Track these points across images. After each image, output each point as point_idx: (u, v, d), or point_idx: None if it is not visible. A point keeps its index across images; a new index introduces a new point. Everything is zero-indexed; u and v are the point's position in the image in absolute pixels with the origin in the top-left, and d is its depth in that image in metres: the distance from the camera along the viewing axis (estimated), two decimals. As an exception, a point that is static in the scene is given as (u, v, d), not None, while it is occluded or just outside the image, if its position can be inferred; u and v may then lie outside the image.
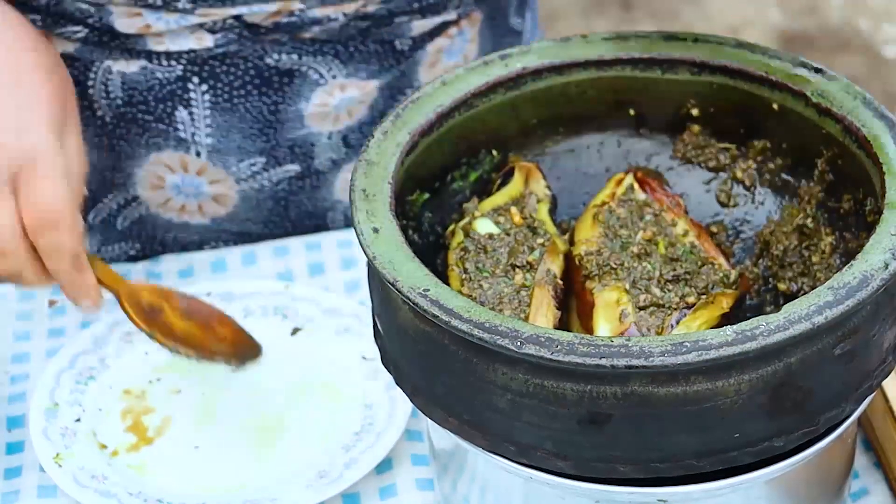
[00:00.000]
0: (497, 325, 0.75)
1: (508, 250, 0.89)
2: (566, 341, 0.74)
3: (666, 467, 0.78)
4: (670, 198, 0.92)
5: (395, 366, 0.85)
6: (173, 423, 1.05)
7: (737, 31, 3.08)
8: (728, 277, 0.88)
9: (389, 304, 0.83)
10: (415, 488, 0.99)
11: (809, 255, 0.90)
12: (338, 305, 1.11)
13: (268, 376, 1.08)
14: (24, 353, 1.12)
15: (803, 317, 0.74)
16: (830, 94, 0.88)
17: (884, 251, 0.78)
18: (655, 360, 0.73)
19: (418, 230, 0.91)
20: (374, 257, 0.80)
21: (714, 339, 0.74)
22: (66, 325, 1.14)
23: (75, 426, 1.03)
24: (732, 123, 0.94)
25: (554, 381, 0.76)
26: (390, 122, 0.88)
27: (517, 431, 0.79)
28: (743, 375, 0.75)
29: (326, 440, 1.02)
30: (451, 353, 0.79)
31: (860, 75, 2.94)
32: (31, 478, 1.02)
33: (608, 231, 0.90)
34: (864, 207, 0.86)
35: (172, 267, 1.20)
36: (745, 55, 0.91)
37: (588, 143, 0.97)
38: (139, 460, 1.02)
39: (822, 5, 3.16)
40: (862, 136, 0.85)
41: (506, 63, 0.92)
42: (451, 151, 0.92)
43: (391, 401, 1.03)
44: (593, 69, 0.93)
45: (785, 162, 0.93)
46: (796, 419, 0.78)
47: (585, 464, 0.79)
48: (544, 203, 0.93)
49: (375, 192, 0.84)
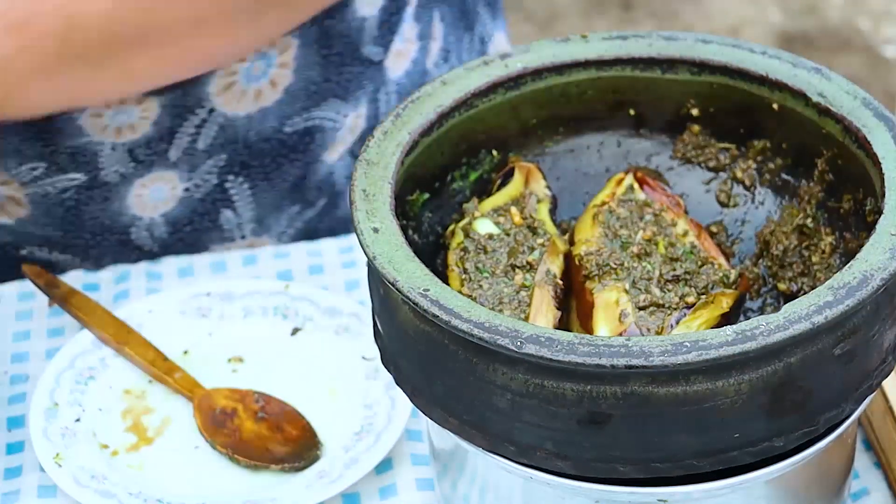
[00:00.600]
0: (497, 325, 0.75)
1: (508, 250, 0.89)
2: (566, 341, 0.74)
3: (666, 467, 0.78)
4: (670, 198, 0.92)
5: (395, 366, 0.85)
6: (173, 423, 1.05)
7: (737, 31, 3.08)
8: (728, 277, 0.88)
9: (389, 304, 0.83)
10: (415, 488, 0.99)
11: (809, 255, 0.90)
12: (337, 305, 1.11)
13: (267, 376, 1.08)
14: (24, 353, 1.12)
15: (803, 317, 0.74)
16: (830, 94, 0.88)
17: (884, 251, 0.78)
18: (655, 360, 0.73)
19: (418, 230, 0.91)
20: (374, 257, 0.80)
21: (714, 339, 0.74)
22: (66, 324, 1.14)
23: (75, 426, 1.03)
24: (732, 123, 0.94)
25: (554, 381, 0.76)
26: (390, 122, 0.88)
27: (517, 431, 0.79)
28: (743, 375, 0.75)
29: (326, 440, 1.02)
30: (451, 353, 0.79)
31: (860, 75, 2.94)
32: (31, 478, 1.02)
33: (608, 231, 0.90)
34: (864, 207, 0.86)
35: (172, 267, 1.20)
36: (745, 55, 0.91)
37: (588, 143, 0.97)
38: (139, 460, 1.02)
39: (822, 5, 3.16)
40: (862, 136, 0.85)
41: (506, 63, 0.92)
42: (451, 151, 0.92)
43: (391, 401, 1.03)
44: (593, 69, 0.93)
45: (785, 162, 0.93)
46: (796, 419, 0.78)
47: (585, 464, 0.79)
48: (544, 203, 0.93)
49: (375, 192, 0.84)
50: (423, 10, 1.27)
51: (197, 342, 1.11)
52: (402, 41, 1.25)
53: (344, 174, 1.27)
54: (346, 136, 1.25)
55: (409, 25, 1.26)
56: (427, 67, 1.29)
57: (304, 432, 1.03)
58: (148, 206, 1.21)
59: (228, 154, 1.20)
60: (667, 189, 0.94)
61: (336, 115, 1.23)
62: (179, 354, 1.10)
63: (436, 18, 1.29)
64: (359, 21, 1.21)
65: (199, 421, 1.03)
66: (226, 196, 1.23)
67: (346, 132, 1.25)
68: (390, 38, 1.24)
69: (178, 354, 1.10)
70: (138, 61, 0.99)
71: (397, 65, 1.26)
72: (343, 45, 1.21)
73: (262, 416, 1.04)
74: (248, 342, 1.11)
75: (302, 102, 1.21)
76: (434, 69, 1.30)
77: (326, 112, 1.22)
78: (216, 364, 1.09)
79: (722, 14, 3.14)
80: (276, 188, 1.24)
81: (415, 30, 1.26)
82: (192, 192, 1.21)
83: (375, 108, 1.26)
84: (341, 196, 1.28)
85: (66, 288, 1.14)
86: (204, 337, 1.11)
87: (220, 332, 1.11)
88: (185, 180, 1.20)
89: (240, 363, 1.09)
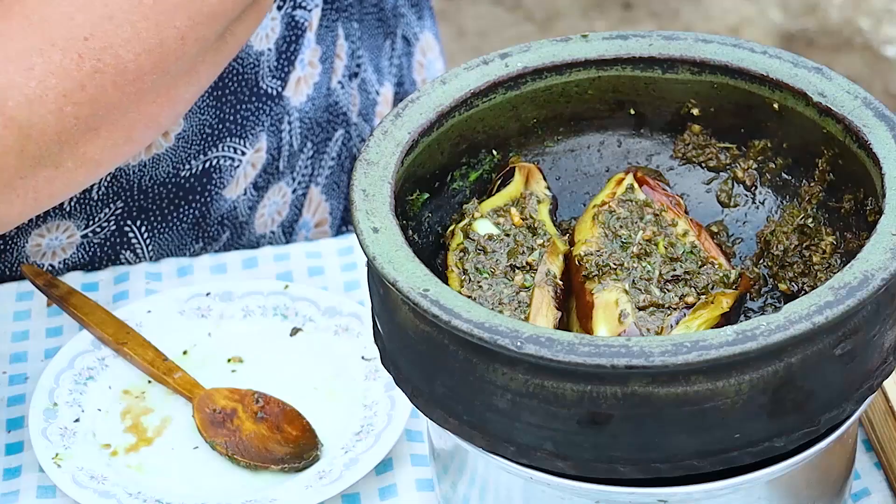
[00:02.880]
0: (497, 325, 0.75)
1: (508, 251, 0.89)
2: (566, 341, 0.74)
3: (666, 467, 0.78)
4: (670, 198, 0.92)
5: (395, 366, 0.85)
6: (173, 424, 1.05)
7: (737, 31, 3.08)
8: (728, 277, 0.88)
9: (389, 304, 0.83)
10: (415, 488, 0.99)
11: (810, 254, 0.90)
12: (337, 305, 1.11)
13: (267, 376, 1.08)
14: (22, 353, 1.12)
15: (803, 317, 0.74)
16: (831, 94, 0.88)
17: (884, 251, 0.77)
18: (656, 360, 0.73)
19: (418, 230, 0.91)
20: (374, 257, 0.80)
21: (714, 339, 0.74)
22: (65, 324, 1.14)
23: (74, 426, 1.03)
24: (733, 123, 0.94)
25: (554, 382, 0.76)
26: (390, 122, 0.88)
27: (517, 432, 0.79)
28: (743, 375, 0.75)
29: (326, 440, 1.02)
30: (451, 353, 0.79)
31: (860, 75, 2.94)
32: (31, 478, 1.01)
33: (608, 231, 0.90)
34: (865, 207, 0.86)
35: (172, 267, 1.20)
36: (745, 55, 0.91)
37: (588, 143, 0.96)
38: (138, 460, 1.02)
39: (822, 5, 3.16)
40: (862, 136, 0.85)
41: (506, 63, 0.92)
42: (451, 151, 0.92)
43: (391, 401, 1.03)
44: (593, 69, 0.93)
45: (785, 162, 0.93)
46: (797, 419, 0.78)
47: (586, 464, 0.79)
48: (544, 203, 0.93)
49: (375, 192, 0.84)
50: (326, 30, 1.25)
51: (196, 342, 1.11)
52: (302, 68, 1.24)
53: (247, 206, 1.25)
54: (248, 170, 1.23)
55: (311, 50, 1.24)
56: (332, 87, 1.28)
57: (303, 432, 1.03)
58: (46, 253, 1.19)
59: (124, 201, 1.19)
60: (667, 189, 0.93)
61: (233, 154, 1.21)
62: (179, 355, 1.10)
63: (340, 37, 1.27)
64: (254, 57, 1.19)
65: (199, 421, 1.03)
66: (125, 240, 1.21)
67: (246, 166, 1.23)
68: (290, 69, 1.22)
69: (177, 355, 1.10)
70: (93, 148, 0.97)
71: (298, 92, 1.24)
72: (237, 84, 1.19)
73: (261, 417, 1.04)
74: (248, 342, 1.11)
75: (196, 146, 1.19)
76: (338, 88, 1.28)
77: (224, 151, 1.21)
78: (215, 364, 1.09)
79: (722, 14, 3.14)
80: (174, 228, 1.22)
81: (317, 53, 1.25)
82: (90, 238, 1.20)
83: (278, 139, 1.24)
84: (245, 226, 1.26)
85: (65, 288, 1.14)
86: (203, 337, 1.11)
87: (219, 333, 1.11)
88: (84, 228, 1.19)
89: (239, 363, 1.09)
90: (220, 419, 1.03)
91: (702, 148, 0.95)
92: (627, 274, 0.87)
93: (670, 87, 0.93)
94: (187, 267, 1.20)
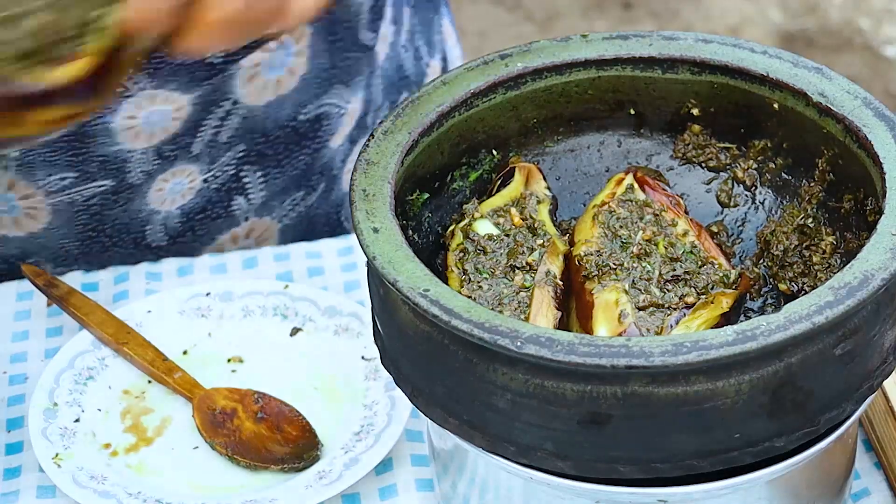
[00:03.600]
0: (497, 325, 0.75)
1: (508, 251, 0.89)
2: (566, 341, 0.74)
3: (666, 467, 0.78)
4: (670, 198, 0.92)
5: (395, 366, 0.85)
6: (173, 424, 1.05)
7: (737, 31, 3.08)
8: (728, 277, 0.88)
9: (389, 304, 0.83)
10: (415, 488, 0.99)
11: (810, 254, 0.90)
12: (337, 305, 1.11)
13: (267, 376, 1.08)
14: (22, 353, 1.12)
15: (803, 317, 0.74)
16: (831, 94, 0.88)
17: (884, 251, 0.77)
18: (656, 360, 0.73)
19: (418, 230, 0.91)
20: (374, 257, 0.80)
21: (714, 339, 0.74)
22: (65, 325, 1.14)
23: (74, 426, 1.03)
24: (733, 123, 0.94)
25: (554, 382, 0.76)
26: (390, 122, 0.88)
27: (517, 432, 0.79)
28: (743, 375, 0.75)
29: (326, 440, 1.02)
30: (451, 353, 0.79)
31: (860, 75, 2.94)
32: (31, 478, 1.01)
33: (608, 231, 0.90)
34: (865, 207, 0.86)
35: (172, 266, 1.20)
36: (745, 55, 0.91)
37: (588, 143, 0.96)
38: (138, 460, 1.02)
39: (822, 5, 3.16)
40: (862, 136, 0.85)
41: (506, 63, 0.92)
42: (451, 151, 0.92)
43: (391, 401, 1.02)
44: (593, 69, 0.93)
45: (785, 162, 0.93)
46: (797, 419, 0.78)
47: (586, 464, 0.79)
48: (545, 204, 0.93)
49: (375, 192, 0.84)
50: None
51: (196, 342, 1.11)
52: (385, 25, 1.28)
53: (340, 159, 1.29)
54: (348, 121, 1.27)
55: (388, 9, 1.28)
56: (398, 51, 1.31)
57: (303, 432, 1.03)
58: (167, 199, 1.22)
59: (247, 144, 1.22)
60: (667, 189, 0.93)
61: (341, 102, 1.25)
62: (179, 354, 1.10)
63: (406, 3, 1.31)
64: (356, 6, 1.23)
65: (199, 421, 1.03)
66: (240, 185, 1.24)
67: (348, 118, 1.27)
68: (378, 23, 1.26)
69: (177, 354, 1.10)
70: None
71: (382, 49, 1.28)
72: (344, 32, 1.23)
73: (261, 417, 1.04)
74: (248, 342, 1.11)
75: (314, 90, 1.23)
76: (402, 51, 1.32)
77: (333, 98, 1.25)
78: (215, 364, 1.09)
79: (722, 14, 3.14)
80: (286, 174, 1.26)
81: (390, 14, 1.29)
82: (209, 183, 1.23)
83: (369, 94, 1.28)
84: (336, 180, 1.30)
85: (65, 288, 1.14)
86: (203, 337, 1.11)
87: (219, 333, 1.11)
88: (205, 172, 1.22)
89: (239, 363, 1.09)
90: (220, 419, 1.03)
91: (702, 148, 0.95)
92: (627, 274, 0.87)
93: (670, 87, 0.93)
94: (187, 267, 1.20)
